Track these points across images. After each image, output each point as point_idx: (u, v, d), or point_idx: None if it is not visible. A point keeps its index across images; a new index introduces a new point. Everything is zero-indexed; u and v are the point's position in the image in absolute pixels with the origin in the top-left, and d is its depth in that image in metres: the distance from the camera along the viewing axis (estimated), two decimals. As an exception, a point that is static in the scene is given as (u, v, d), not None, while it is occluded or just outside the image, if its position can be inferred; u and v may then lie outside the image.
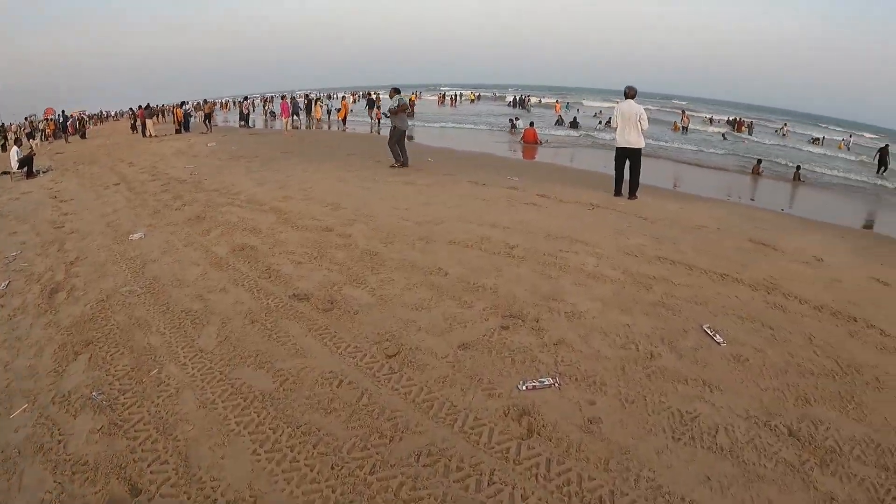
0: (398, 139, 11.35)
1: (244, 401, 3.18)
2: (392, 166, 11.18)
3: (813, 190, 15.67)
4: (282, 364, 3.51)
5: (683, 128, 31.01)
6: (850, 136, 40.54)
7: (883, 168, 21.27)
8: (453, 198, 7.74)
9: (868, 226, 11.39)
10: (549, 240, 5.63)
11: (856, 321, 4.18)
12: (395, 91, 12.00)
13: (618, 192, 8.45)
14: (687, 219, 7.15)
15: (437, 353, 3.51)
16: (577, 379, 3.22)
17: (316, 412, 3.03)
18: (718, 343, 3.60)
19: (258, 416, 3.04)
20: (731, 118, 41.61)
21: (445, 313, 4.03)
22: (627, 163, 8.35)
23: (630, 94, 8.22)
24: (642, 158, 8.43)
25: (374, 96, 28.93)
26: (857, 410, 3.03)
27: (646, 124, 8.17)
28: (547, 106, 45.66)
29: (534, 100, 50.31)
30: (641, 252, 5.32)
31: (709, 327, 3.79)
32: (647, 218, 6.92)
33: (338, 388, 3.23)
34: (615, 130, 8.42)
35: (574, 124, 26.73)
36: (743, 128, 35.98)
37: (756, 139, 32.22)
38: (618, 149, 8.41)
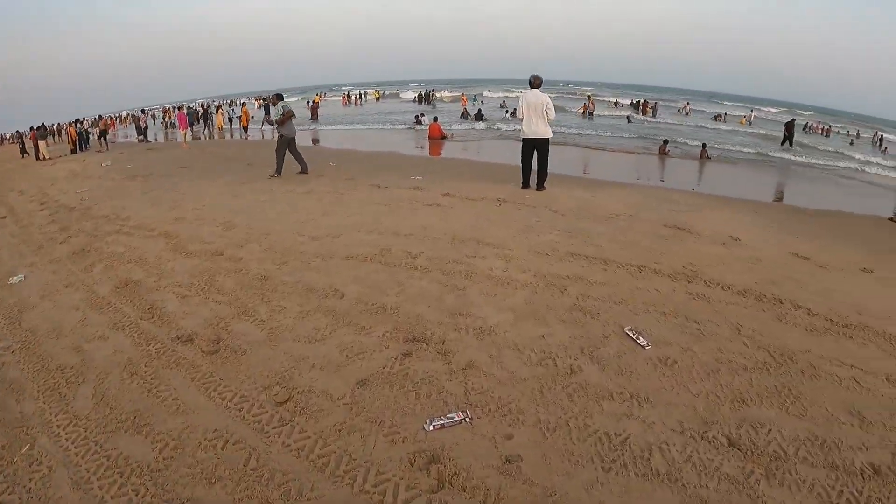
0: (287, 147, 10.65)
1: (121, 476, 2.59)
2: (271, 177, 10.39)
3: (720, 166, 16.08)
4: (162, 425, 2.91)
5: (589, 113, 31.46)
6: (752, 112, 42.59)
7: (788, 141, 22.23)
8: (353, 205, 7.17)
9: (778, 198, 11.74)
10: (454, 244, 5.21)
11: (781, 303, 4.01)
12: (278, 98, 11.27)
13: (526, 185, 8.18)
14: (599, 207, 6.95)
15: (332, 394, 3.01)
16: (490, 409, 2.79)
17: (199, 483, 2.48)
18: (643, 346, 3.29)
19: (136, 496, 2.46)
20: (634, 101, 42.65)
21: (342, 344, 3.51)
22: (535, 154, 8.09)
23: (535, 83, 7.96)
24: (550, 147, 8.19)
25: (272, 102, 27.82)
26: (796, 405, 2.79)
27: (553, 114, 7.94)
28: (452, 100, 45.42)
29: (438, 94, 49.83)
30: (553, 250, 5.00)
31: (631, 329, 3.47)
32: (557, 210, 6.66)
33: (223, 449, 2.68)
34: (521, 121, 8.13)
35: (479, 117, 26.50)
36: (647, 109, 36.94)
37: (660, 120, 33.22)
38: (525, 140, 8.12)
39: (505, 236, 5.37)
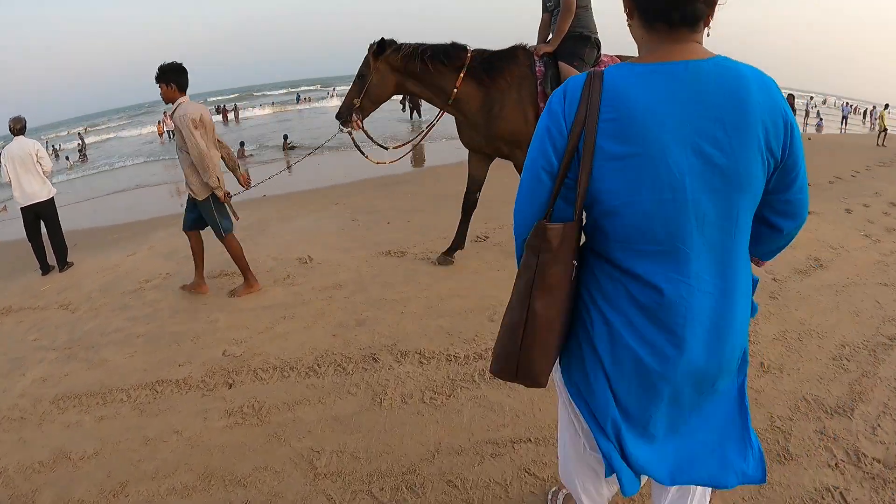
0: None
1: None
2: None
3: (310, 156, 14.36)
4: None
5: (170, 133, 27.08)
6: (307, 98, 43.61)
7: (416, 112, 20.80)
8: None
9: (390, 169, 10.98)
10: None
11: (403, 354, 2.82)
12: None
13: (45, 270, 5.83)
14: (130, 274, 4.92)
15: None
16: None
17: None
18: None
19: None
20: (219, 105, 39.36)
21: None
22: (42, 224, 5.88)
23: (17, 128, 5.76)
24: (58, 208, 6.05)
25: None
26: None
27: (48, 163, 5.85)
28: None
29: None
30: (35, 403, 2.88)
31: None
32: (71, 304, 4.46)
33: None
34: (10, 185, 5.78)
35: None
36: (227, 115, 34.67)
37: (253, 124, 30.59)
38: (23, 209, 5.82)
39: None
